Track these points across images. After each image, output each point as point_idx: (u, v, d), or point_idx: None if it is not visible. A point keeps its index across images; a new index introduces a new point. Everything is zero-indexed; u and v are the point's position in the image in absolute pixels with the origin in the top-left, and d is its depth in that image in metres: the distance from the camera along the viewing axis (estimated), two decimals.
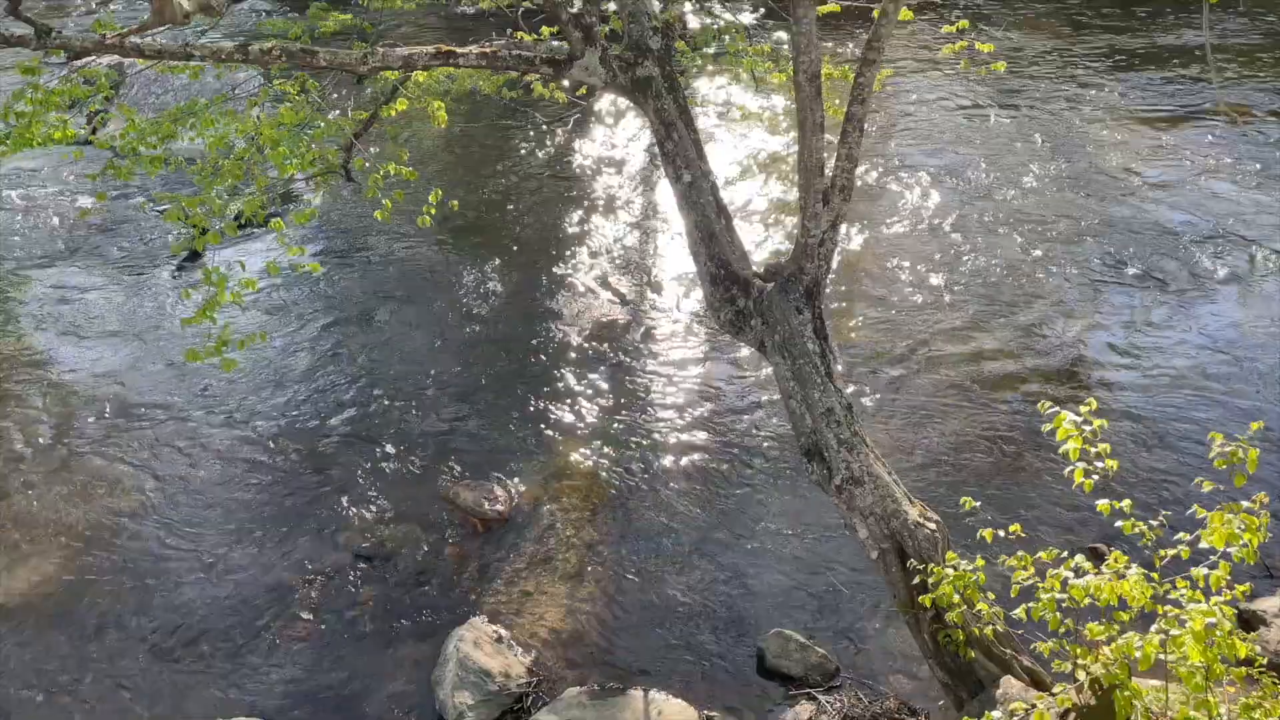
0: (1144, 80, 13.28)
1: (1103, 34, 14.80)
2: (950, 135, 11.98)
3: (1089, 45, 14.48)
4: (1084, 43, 14.60)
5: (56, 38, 4.99)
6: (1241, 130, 11.72)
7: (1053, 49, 14.41)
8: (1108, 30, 14.93)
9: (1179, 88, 12.93)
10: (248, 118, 6.59)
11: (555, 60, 6.03)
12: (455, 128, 8.06)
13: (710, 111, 12.57)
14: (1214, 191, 10.50)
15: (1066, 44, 14.60)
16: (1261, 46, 13.83)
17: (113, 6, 16.43)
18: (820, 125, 5.27)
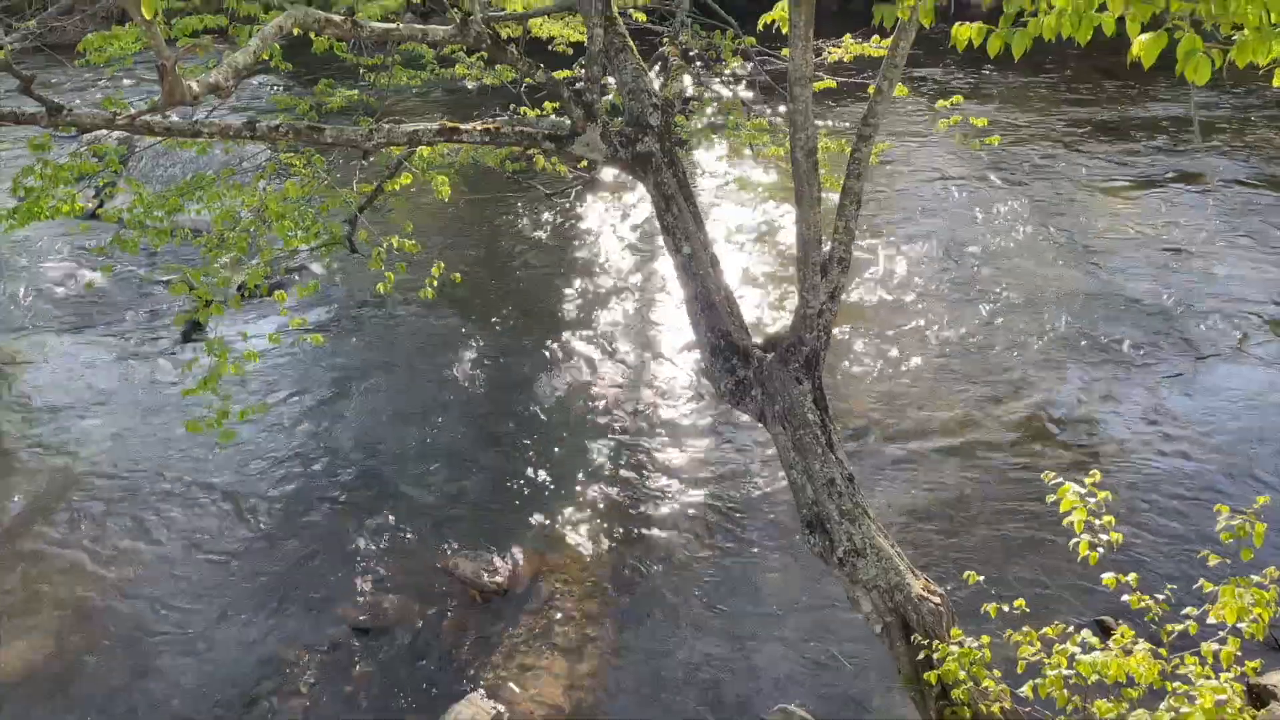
0: (1125, 150, 13.52)
1: (1085, 107, 15.12)
2: (946, 205, 12.14)
3: (1071, 117, 14.77)
4: (1066, 115, 14.90)
5: (67, 115, 5.07)
6: (1219, 196, 11.89)
7: (1038, 121, 14.70)
8: (1089, 103, 15.25)
9: (1157, 157, 13.17)
10: (254, 190, 6.70)
11: (557, 136, 6.14)
12: (459, 199, 8.16)
13: (709, 182, 12.76)
14: (1202, 258, 10.61)
15: (1050, 116, 14.90)
16: (1234, 118, 14.10)
17: (126, 81, 16.78)
18: (817, 199, 5.34)
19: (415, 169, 7.12)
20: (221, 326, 7.69)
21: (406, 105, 14.75)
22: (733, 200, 12.41)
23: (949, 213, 12.00)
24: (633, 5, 8.52)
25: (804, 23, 5.01)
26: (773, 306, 10.37)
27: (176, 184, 12.48)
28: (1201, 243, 10.98)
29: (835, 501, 5.10)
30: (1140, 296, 10.06)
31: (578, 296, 10.70)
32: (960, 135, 7.95)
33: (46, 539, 7.52)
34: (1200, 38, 2.74)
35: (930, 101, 14.58)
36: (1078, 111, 15.16)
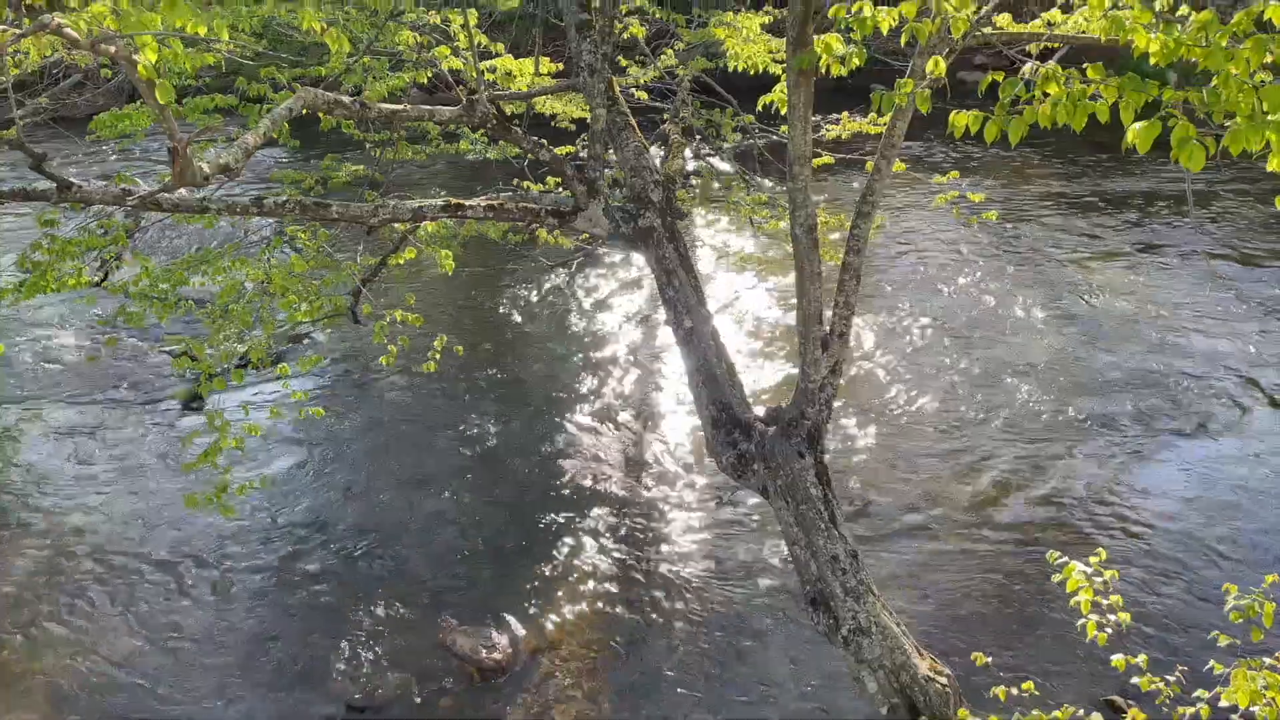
0: (1121, 221, 13.68)
1: (1081, 179, 15.35)
2: (944, 277, 12.24)
3: (1067, 189, 14.99)
4: (1063, 187, 15.12)
5: (77, 192, 5.15)
6: (1213, 268, 12.00)
7: (1034, 192, 14.91)
8: (1085, 176, 15.48)
9: (1152, 229, 13.32)
10: (259, 263, 6.77)
11: (560, 212, 6.22)
12: (462, 270, 8.23)
13: (710, 253, 12.89)
14: (1198, 330, 10.66)
15: (1046, 188, 15.11)
16: (1227, 191, 14.30)
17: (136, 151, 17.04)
18: (817, 274, 5.40)
19: (419, 242, 7.20)
20: (223, 398, 7.68)
21: (411, 178, 14.94)
22: (734, 272, 12.52)
23: (947, 285, 12.09)
24: (635, 85, 8.70)
25: (802, 104, 5.12)
26: (774, 378, 10.38)
27: (183, 255, 12.60)
28: (1197, 315, 11.05)
29: (839, 578, 5.05)
30: (1138, 369, 10.08)
31: (579, 368, 10.73)
32: (957, 210, 8.06)
33: (40, 613, 7.42)
34: (1193, 125, 2.80)
35: (927, 175, 14.81)
36: (1074, 184, 15.38)
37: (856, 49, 4.06)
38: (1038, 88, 3.08)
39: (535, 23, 8.71)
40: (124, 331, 10.56)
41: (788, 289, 11.13)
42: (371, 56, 6.84)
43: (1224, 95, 2.83)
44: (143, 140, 7.55)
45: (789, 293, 10.81)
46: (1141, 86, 2.92)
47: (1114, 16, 2.79)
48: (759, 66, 7.80)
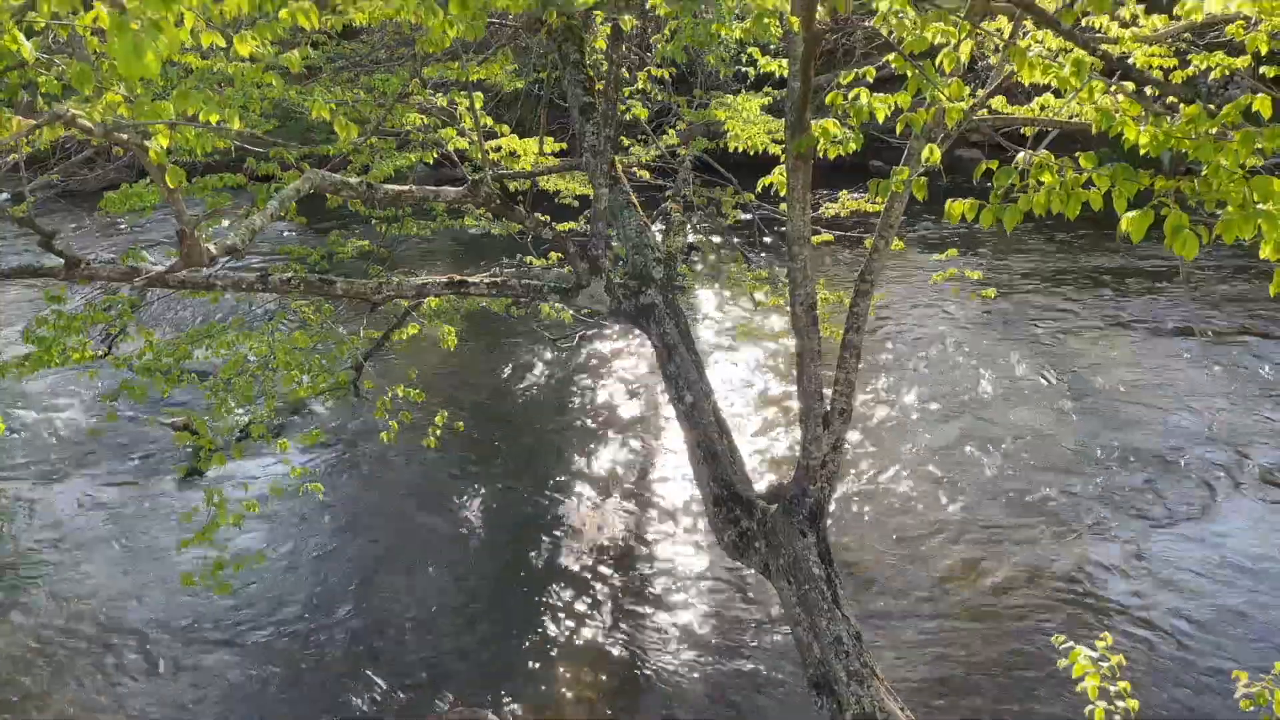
0: (1118, 296, 13.77)
1: (1077, 254, 15.49)
2: (944, 352, 12.28)
3: (1064, 263, 15.12)
4: (1059, 261, 15.25)
5: (85, 269, 5.21)
6: (1212, 344, 12.03)
7: (1032, 267, 15.03)
8: (1081, 250, 15.63)
9: (1149, 303, 13.40)
10: (263, 336, 6.82)
11: (562, 289, 6.28)
12: (463, 343, 8.28)
13: (711, 327, 12.95)
14: (1199, 406, 10.64)
15: (1043, 262, 15.24)
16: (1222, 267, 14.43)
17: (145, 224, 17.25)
18: (818, 352, 5.42)
19: (422, 317, 7.26)
20: (222, 472, 7.66)
21: (415, 251, 15.12)
22: (734, 345, 12.56)
23: (947, 359, 12.12)
24: (636, 164, 8.86)
25: (801, 186, 5.20)
26: (777, 453, 10.34)
27: (187, 327, 12.66)
28: (1193, 391, 11.05)
29: (843, 661, 4.96)
30: (1140, 445, 10.05)
31: (579, 444, 10.70)
32: (955, 288, 8.13)
33: (33, 688, 7.28)
34: (1186, 214, 2.84)
35: (926, 251, 14.97)
36: (1070, 258, 15.52)
37: (854, 134, 4.15)
38: (1032, 176, 3.13)
39: (540, 103, 8.90)
40: (125, 404, 10.56)
41: (788, 362, 11.17)
42: (379, 137, 6.97)
43: (1215, 184, 2.89)
44: (152, 215, 7.64)
45: (790, 365, 10.84)
46: (1133, 176, 2.98)
47: (1104, 108, 2.85)
48: (759, 147, 7.95)
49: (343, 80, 8.62)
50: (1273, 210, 2.62)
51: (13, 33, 2.55)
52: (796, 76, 4.85)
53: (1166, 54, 5.58)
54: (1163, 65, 5.57)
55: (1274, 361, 11.69)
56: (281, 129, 8.72)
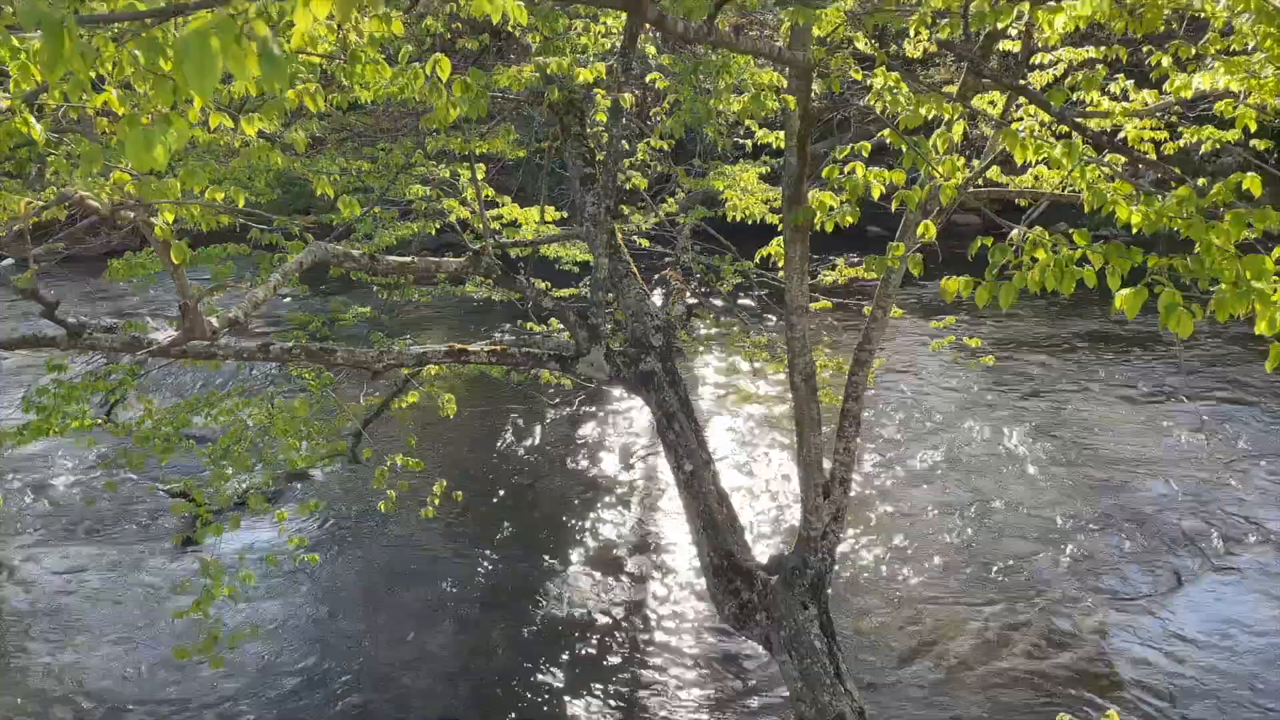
0: (1118, 361, 13.81)
1: (1075, 319, 15.58)
2: (946, 419, 12.26)
3: (1063, 329, 15.19)
4: (1058, 326, 15.33)
5: (87, 339, 5.23)
6: (1209, 409, 12.03)
7: (1030, 332, 15.10)
8: (1079, 315, 15.72)
9: (1148, 368, 13.44)
10: (262, 403, 6.83)
11: (562, 357, 6.31)
12: (463, 409, 8.27)
13: (710, 393, 12.95)
14: (1201, 472, 10.60)
15: (1042, 327, 15.32)
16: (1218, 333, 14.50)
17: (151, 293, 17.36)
18: (817, 422, 5.43)
19: (423, 384, 7.27)
20: (219, 540, 7.59)
21: (417, 314, 15.18)
22: (733, 412, 12.55)
23: (950, 426, 12.10)
24: (636, 232, 8.95)
25: (799, 257, 5.26)
26: (777, 520, 10.27)
27: (188, 391, 12.65)
28: (1192, 454, 11.02)
29: None
30: (1144, 512, 9.99)
31: (578, 511, 10.64)
32: (955, 355, 8.15)
33: None
34: (1180, 291, 2.86)
35: (924, 312, 15.05)
36: (1064, 322, 15.60)
37: (850, 208, 4.20)
38: (1026, 252, 3.16)
39: (541, 170, 9.03)
40: (123, 470, 10.51)
41: (788, 428, 11.13)
42: (382, 206, 7.07)
43: (1208, 262, 2.91)
44: (156, 282, 7.71)
45: (789, 431, 10.81)
46: (1126, 254, 3.01)
47: (1097, 189, 2.90)
48: (757, 216, 8.04)
49: (347, 149, 8.77)
50: (1266, 289, 2.64)
51: (25, 115, 2.60)
52: (793, 151, 4.93)
53: (1158, 125, 5.68)
54: (1154, 138, 5.66)
55: (1265, 428, 11.69)
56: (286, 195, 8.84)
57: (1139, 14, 3.25)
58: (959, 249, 4.38)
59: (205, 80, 1.25)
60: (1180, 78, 4.35)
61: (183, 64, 1.23)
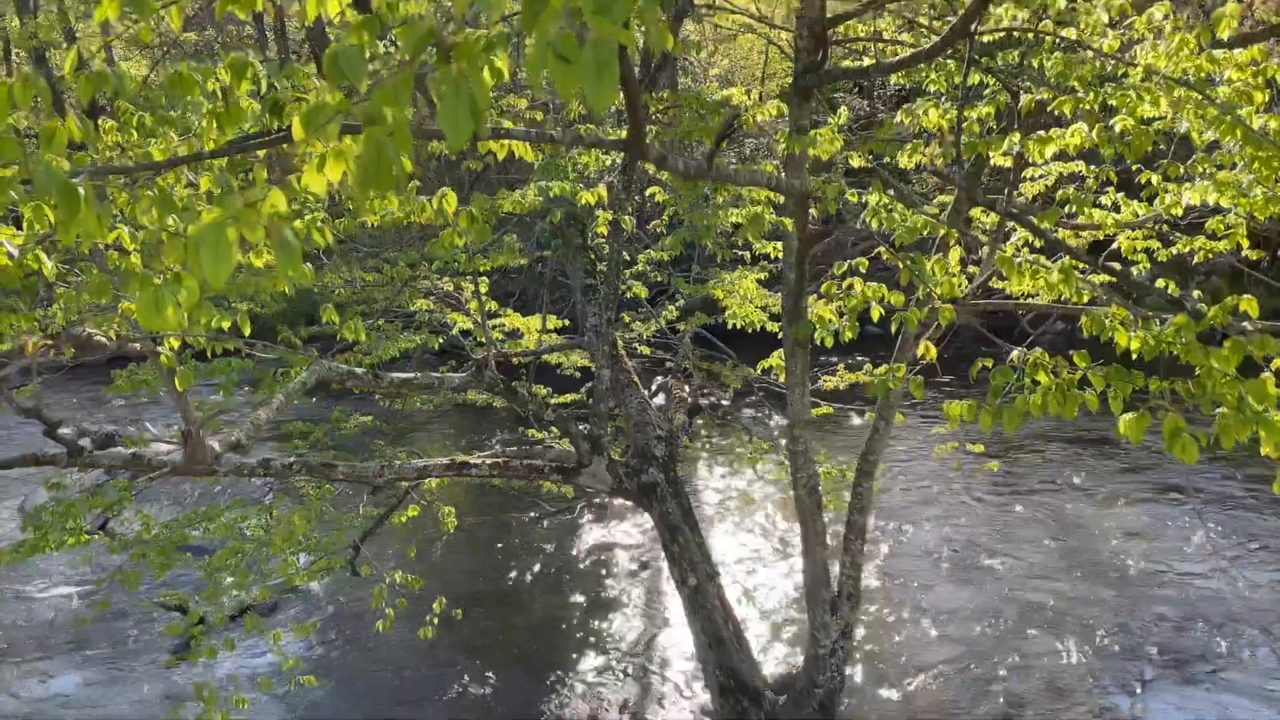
0: (1122, 461, 13.72)
1: (1080, 418, 15.53)
2: (952, 521, 12.12)
3: (1067, 428, 15.14)
4: (1062, 425, 15.28)
5: (87, 456, 5.22)
6: (1215, 510, 11.90)
7: (1033, 429, 15.04)
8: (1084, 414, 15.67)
9: (1148, 467, 13.35)
10: (261, 514, 6.76)
11: (564, 468, 6.28)
12: (464, 519, 8.18)
13: (713, 498, 12.83)
14: (1210, 572, 10.43)
15: (1046, 426, 15.27)
16: None
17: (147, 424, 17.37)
18: (822, 536, 5.37)
19: (424, 496, 7.21)
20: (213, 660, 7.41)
21: (418, 419, 15.15)
22: (738, 517, 12.42)
23: (957, 529, 11.96)
24: (637, 340, 9.02)
25: (800, 370, 5.29)
26: (786, 633, 10.06)
27: (186, 500, 12.53)
28: (1194, 555, 10.86)
29: None
30: (1156, 612, 9.79)
31: (579, 625, 10.42)
32: (958, 463, 8.11)
33: None
34: (1181, 417, 2.86)
35: (928, 414, 15.02)
36: (1073, 422, 15.56)
37: (849, 322, 4.24)
38: (1027, 375, 3.17)
39: (543, 278, 9.16)
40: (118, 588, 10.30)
41: (794, 534, 10.96)
42: (386, 319, 7.13)
43: (1209, 386, 2.92)
44: (158, 394, 7.71)
45: (795, 537, 10.66)
46: (1127, 377, 3.02)
47: (1095, 315, 2.92)
48: (756, 324, 8.12)
49: (352, 260, 8.89)
50: (1272, 418, 2.64)
51: (37, 253, 2.64)
52: (792, 268, 5.01)
53: (1150, 234, 5.77)
54: (1148, 247, 5.75)
55: (1269, 525, 11.55)
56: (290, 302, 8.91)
57: (1128, 141, 3.34)
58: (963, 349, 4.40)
59: (220, 270, 1.27)
60: (1170, 195, 4.44)
61: (199, 253, 1.26)
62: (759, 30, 14.81)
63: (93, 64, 19.08)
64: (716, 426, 13.28)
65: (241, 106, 2.17)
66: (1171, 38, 3.21)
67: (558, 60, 0.95)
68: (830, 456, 9.01)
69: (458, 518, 7.94)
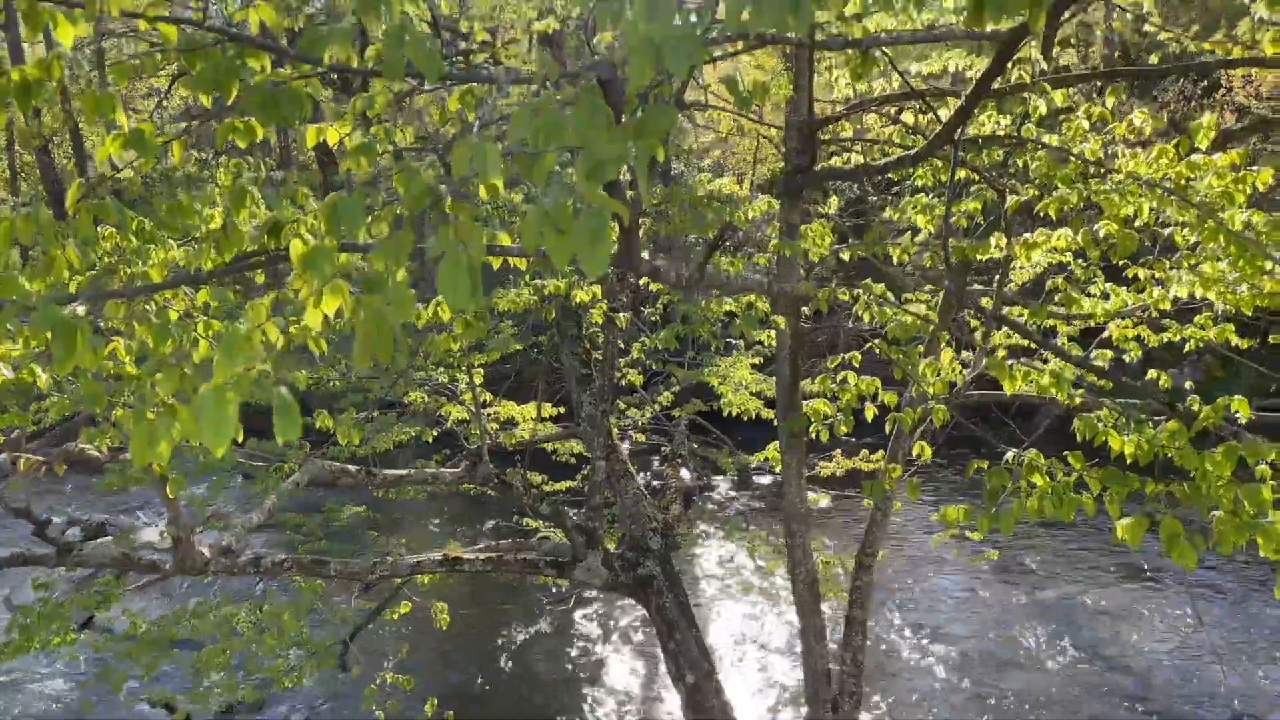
0: (1122, 551, 13.60)
1: None
2: (949, 612, 11.95)
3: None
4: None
5: (76, 556, 5.15)
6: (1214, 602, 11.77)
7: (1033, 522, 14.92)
8: None
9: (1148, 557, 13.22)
10: (252, 610, 6.64)
11: (559, 563, 6.21)
12: (456, 612, 8.03)
13: (712, 586, 12.65)
14: (1212, 662, 10.26)
15: None
16: None
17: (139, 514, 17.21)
18: (821, 633, 5.28)
19: (416, 591, 7.10)
20: None
21: (411, 509, 15.00)
22: (736, 608, 12.22)
23: (955, 620, 11.78)
24: (633, 426, 9.00)
25: (796, 463, 5.27)
26: None
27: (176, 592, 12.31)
28: (1191, 646, 10.71)
29: None
30: (1158, 705, 9.60)
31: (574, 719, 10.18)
32: (957, 551, 8.04)
33: None
34: (1179, 521, 2.85)
35: (926, 499, 14.92)
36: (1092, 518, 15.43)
37: (844, 416, 4.24)
38: (1023, 477, 3.16)
39: (539, 363, 9.18)
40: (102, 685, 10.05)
41: (794, 624, 10.77)
42: (380, 409, 7.13)
43: (1204, 488, 2.92)
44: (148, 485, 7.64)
45: (795, 628, 10.47)
46: (1123, 480, 3.01)
47: (1087, 419, 2.93)
48: (751, 412, 8.12)
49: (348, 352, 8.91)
50: (1270, 523, 2.63)
51: (31, 368, 2.65)
52: (785, 362, 5.03)
53: (1140, 319, 5.82)
54: (1139, 335, 5.79)
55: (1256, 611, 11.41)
56: None
57: (1113, 244, 3.40)
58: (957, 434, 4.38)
59: (221, 439, 1.27)
60: (1158, 291, 4.50)
61: (199, 420, 1.26)
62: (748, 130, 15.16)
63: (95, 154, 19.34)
64: (714, 513, 13.17)
65: (240, 231, 2.21)
66: (1152, 149, 3.29)
67: (553, 230, 0.97)
68: (830, 542, 8.93)
69: (451, 609, 7.80)
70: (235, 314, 3.40)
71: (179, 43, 1.67)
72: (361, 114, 2.31)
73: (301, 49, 1.55)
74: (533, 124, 1.23)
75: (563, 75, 1.95)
